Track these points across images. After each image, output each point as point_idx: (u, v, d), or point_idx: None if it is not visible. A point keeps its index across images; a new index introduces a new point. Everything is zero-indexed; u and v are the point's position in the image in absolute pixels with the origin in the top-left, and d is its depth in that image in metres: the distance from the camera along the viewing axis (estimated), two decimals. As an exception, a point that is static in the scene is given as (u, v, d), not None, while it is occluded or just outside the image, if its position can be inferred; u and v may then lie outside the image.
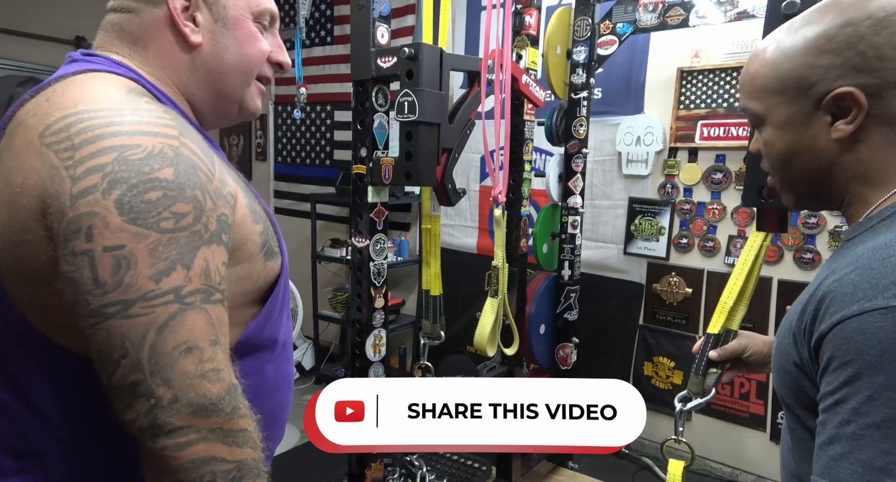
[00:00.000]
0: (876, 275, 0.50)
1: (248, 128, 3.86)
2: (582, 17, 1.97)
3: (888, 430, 0.46)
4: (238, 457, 0.55)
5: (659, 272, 2.33)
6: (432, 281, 1.26)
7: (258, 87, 0.73)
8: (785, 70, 0.60)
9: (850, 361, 0.49)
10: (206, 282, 0.55)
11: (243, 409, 0.56)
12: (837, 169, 0.60)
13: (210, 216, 0.56)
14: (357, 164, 1.22)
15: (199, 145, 0.59)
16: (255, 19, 0.70)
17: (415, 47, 1.09)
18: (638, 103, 2.33)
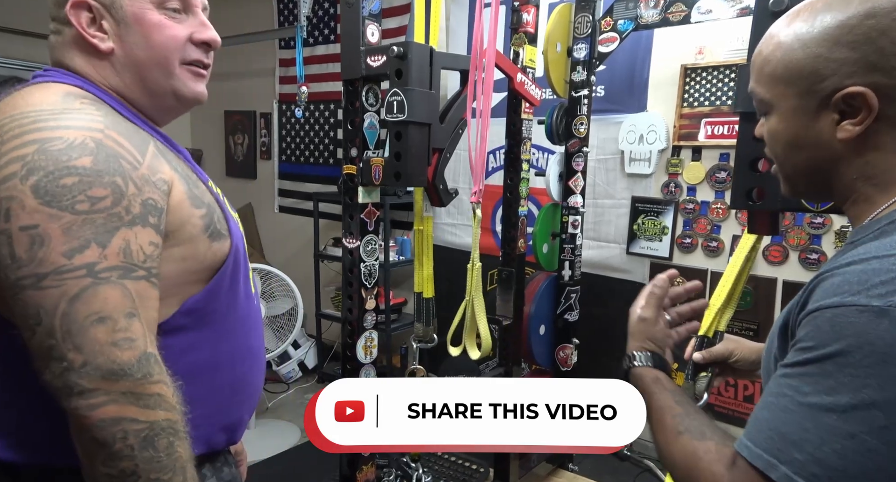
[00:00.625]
0: (868, 273, 0.49)
1: (253, 127, 3.87)
2: (583, 14, 1.94)
3: (817, 414, 0.48)
4: (150, 418, 0.60)
5: (661, 272, 2.29)
6: (424, 283, 1.24)
7: (190, 72, 0.74)
8: (797, 59, 0.57)
9: (812, 347, 0.50)
10: (126, 260, 0.61)
11: (157, 376, 0.61)
12: (842, 167, 0.58)
13: (133, 200, 0.62)
14: (347, 165, 1.21)
15: (130, 138, 0.65)
16: (158, 6, 0.71)
17: (404, 46, 1.08)
18: (641, 101, 2.30)
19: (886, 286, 0.48)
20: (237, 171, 4.02)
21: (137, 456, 0.59)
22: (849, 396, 0.47)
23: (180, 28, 0.72)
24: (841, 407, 0.47)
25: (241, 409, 0.80)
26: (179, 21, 0.72)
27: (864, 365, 0.46)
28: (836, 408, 0.47)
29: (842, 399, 0.47)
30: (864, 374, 0.46)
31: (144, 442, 0.59)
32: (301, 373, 3.16)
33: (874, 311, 0.47)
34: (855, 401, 0.46)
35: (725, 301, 0.90)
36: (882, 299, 0.47)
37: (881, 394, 0.46)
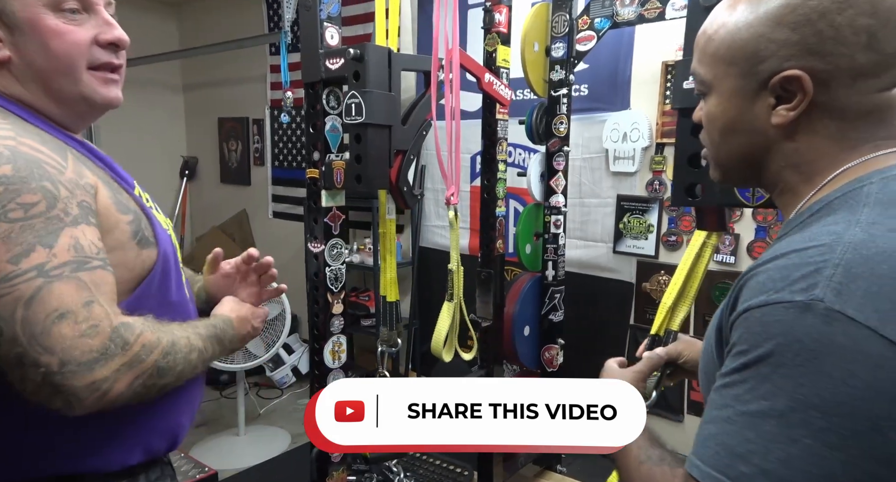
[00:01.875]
0: (790, 267, 0.48)
1: (246, 133, 3.88)
2: (560, 13, 1.93)
3: (758, 421, 0.46)
4: (149, 364, 0.66)
5: (648, 271, 2.28)
6: (388, 286, 1.24)
7: (100, 77, 0.71)
8: (740, 39, 0.56)
9: (745, 350, 0.48)
10: (78, 255, 0.62)
11: (133, 336, 0.64)
12: (773, 155, 0.57)
13: (68, 202, 0.62)
14: (310, 168, 1.21)
15: (46, 143, 0.64)
16: (54, 9, 0.67)
17: (360, 48, 1.07)
18: (624, 99, 2.28)
19: (807, 279, 0.46)
20: (232, 177, 4.03)
21: (161, 382, 0.67)
22: (785, 399, 0.45)
23: (81, 31, 0.68)
24: (779, 411, 0.45)
25: (179, 416, 0.79)
26: (80, 23, 0.68)
27: (796, 364, 0.45)
28: (774, 414, 0.45)
29: (779, 403, 0.45)
30: (797, 374, 0.45)
31: (160, 374, 0.67)
32: (295, 378, 3.16)
33: (798, 307, 0.45)
34: (792, 403, 0.44)
35: (676, 299, 0.88)
36: (805, 294, 0.46)
37: (817, 393, 0.44)
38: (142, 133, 3.93)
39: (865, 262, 0.45)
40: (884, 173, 0.52)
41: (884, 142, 0.54)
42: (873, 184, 0.51)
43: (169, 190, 4.18)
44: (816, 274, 0.46)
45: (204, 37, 3.72)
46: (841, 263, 0.46)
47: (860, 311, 0.43)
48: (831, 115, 0.53)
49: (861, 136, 0.54)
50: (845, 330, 0.43)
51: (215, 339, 0.79)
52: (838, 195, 0.53)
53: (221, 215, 4.05)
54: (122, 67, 0.75)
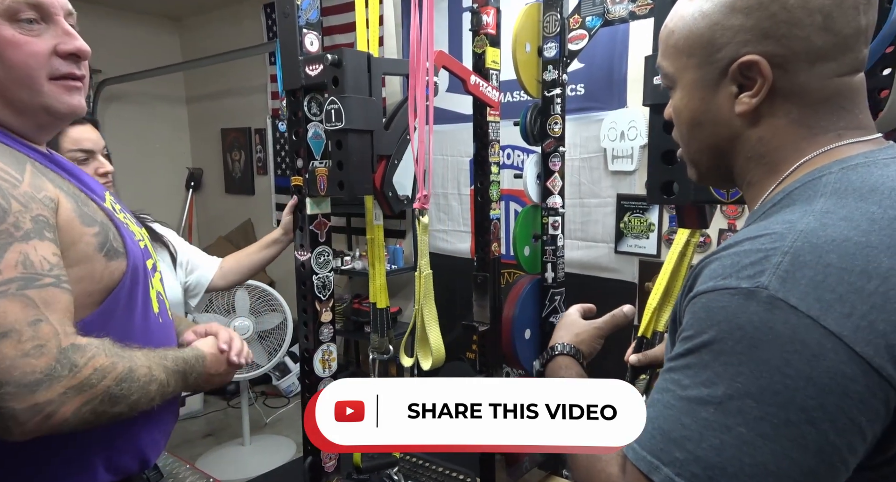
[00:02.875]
0: (741, 254, 0.47)
1: (249, 143, 3.91)
2: (551, 13, 1.92)
3: (696, 408, 0.46)
4: (101, 390, 0.63)
5: (651, 270, 2.24)
6: (378, 293, 1.23)
7: (61, 87, 0.70)
8: (696, 29, 0.55)
9: (690, 336, 0.48)
10: (27, 271, 0.60)
11: (84, 359, 0.62)
12: (739, 146, 0.56)
13: (20, 217, 0.61)
14: (294, 176, 1.20)
15: (2, 156, 0.63)
16: (9, 19, 0.65)
17: (338, 53, 1.07)
18: (621, 97, 2.26)
19: (755, 266, 0.45)
20: (236, 187, 4.06)
21: (113, 410, 0.64)
22: (724, 387, 0.44)
23: (39, 42, 0.67)
24: (717, 398, 0.44)
25: (152, 432, 0.78)
26: (38, 33, 0.67)
27: (737, 352, 0.44)
28: (712, 401, 0.45)
29: (717, 390, 0.45)
30: (737, 362, 0.44)
31: (111, 401, 0.64)
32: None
33: (743, 294, 0.45)
34: (730, 391, 0.44)
35: (662, 299, 0.86)
36: (751, 280, 0.45)
37: (754, 382, 0.43)
38: (148, 146, 3.98)
39: (813, 250, 0.44)
40: (844, 163, 0.51)
41: (846, 131, 0.53)
42: (832, 174, 0.50)
43: (175, 201, 4.22)
44: (765, 261, 0.45)
45: (206, 49, 3.76)
46: (790, 251, 0.45)
47: (802, 300, 0.43)
48: (792, 100, 0.53)
49: (823, 124, 0.53)
50: (786, 318, 0.43)
51: (180, 375, 0.76)
52: (798, 186, 0.52)
53: (227, 225, 4.08)
54: (85, 77, 0.73)
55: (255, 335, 2.44)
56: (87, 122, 1.19)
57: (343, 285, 3.34)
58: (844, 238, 0.44)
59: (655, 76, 0.81)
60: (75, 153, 1.14)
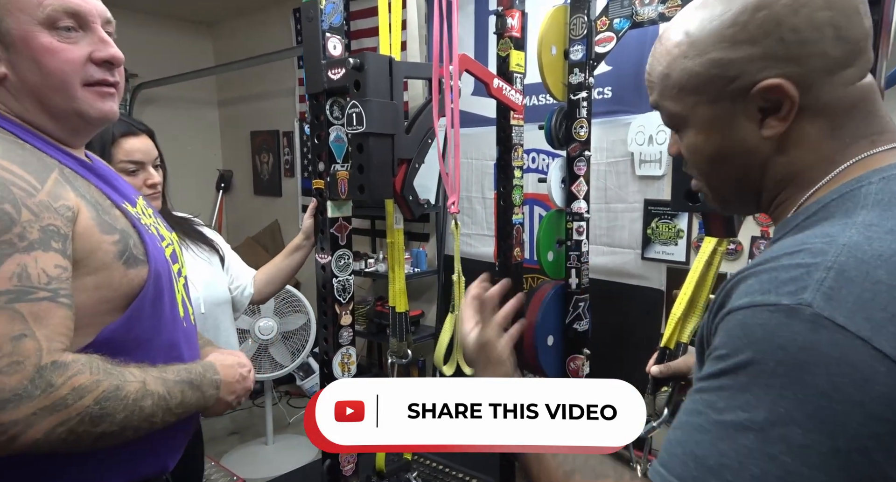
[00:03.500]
0: (779, 269, 0.44)
1: (277, 145, 3.97)
2: (578, 15, 1.89)
3: (734, 433, 0.42)
4: (77, 411, 0.60)
5: (679, 277, 2.18)
6: (398, 297, 1.22)
7: (95, 93, 0.71)
8: (698, 66, 0.53)
9: (724, 355, 0.45)
10: (21, 284, 0.59)
11: (62, 379, 0.60)
12: (769, 171, 0.54)
13: (28, 226, 0.60)
14: (316, 179, 1.21)
15: (26, 165, 0.63)
16: (49, 27, 0.67)
17: (360, 57, 1.07)
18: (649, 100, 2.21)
19: (797, 282, 0.43)
20: (264, 189, 4.13)
21: (96, 430, 0.62)
22: (765, 411, 0.41)
23: (75, 49, 0.69)
24: (758, 424, 0.41)
25: (175, 435, 0.78)
26: (74, 41, 0.69)
27: (779, 374, 0.41)
28: (752, 426, 0.41)
29: (758, 415, 0.41)
30: (780, 385, 0.41)
31: (92, 421, 0.61)
32: (324, 386, 3.19)
33: (784, 311, 0.42)
34: (772, 416, 0.41)
35: (686, 309, 0.83)
36: (792, 297, 0.42)
37: (799, 407, 0.40)
38: (181, 148, 4.07)
39: (860, 266, 0.41)
40: (883, 172, 0.48)
41: (879, 137, 0.50)
42: (872, 184, 0.47)
43: (206, 202, 4.31)
44: (807, 277, 0.42)
45: (237, 53, 3.83)
46: (834, 266, 0.42)
47: (850, 319, 0.40)
48: (821, 114, 0.51)
49: (855, 133, 0.51)
50: (833, 338, 0.40)
51: (187, 384, 0.73)
52: (835, 197, 0.49)
53: (255, 226, 4.14)
54: (118, 84, 0.75)
55: (280, 335, 2.47)
56: (143, 133, 1.20)
57: (366, 287, 3.36)
58: (893, 252, 0.42)
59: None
60: (126, 164, 1.15)
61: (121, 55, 0.73)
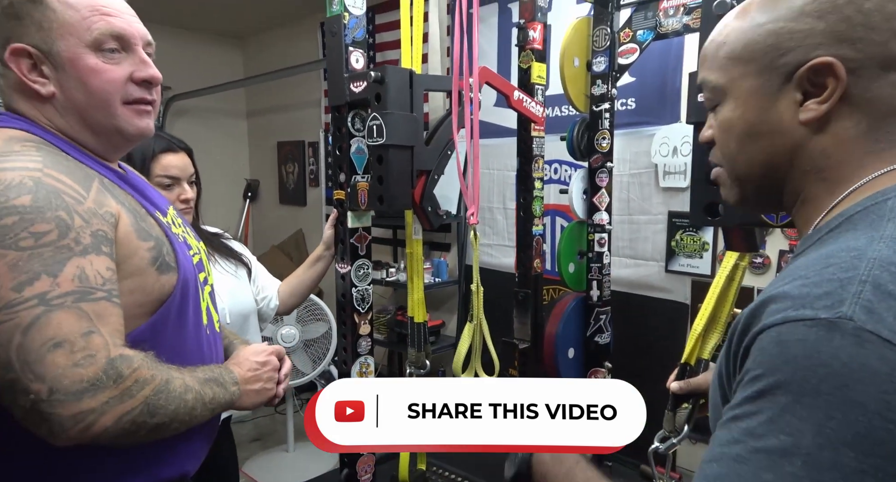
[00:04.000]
0: (810, 285, 0.42)
1: (302, 156, 4.04)
2: (601, 27, 1.89)
3: (777, 460, 0.38)
4: (141, 400, 0.65)
5: (704, 291, 2.13)
6: (416, 307, 1.23)
7: (134, 111, 0.75)
8: (756, 35, 0.52)
9: (760, 375, 0.41)
10: (82, 285, 0.63)
11: (128, 371, 0.64)
12: (798, 159, 0.52)
13: (81, 232, 0.64)
14: (337, 190, 1.23)
15: (71, 174, 0.67)
16: (95, 49, 0.71)
17: (381, 70, 1.09)
18: (674, 111, 2.19)
19: (831, 296, 0.40)
20: (289, 198, 4.20)
21: (152, 421, 0.66)
22: (811, 435, 0.38)
23: (118, 70, 0.73)
24: (805, 449, 0.38)
25: (193, 440, 0.80)
26: (118, 62, 0.73)
27: (823, 392, 0.38)
28: (797, 452, 0.38)
29: (804, 439, 0.38)
30: (825, 405, 0.37)
31: (150, 412, 0.65)
32: (344, 395, 3.20)
33: (823, 325, 0.39)
34: (820, 439, 0.37)
35: (707, 325, 0.82)
36: (830, 310, 0.39)
37: (849, 428, 0.37)
38: (210, 158, 4.17)
39: (895, 279, 0.40)
40: None
41: None
42: None
43: (233, 211, 4.40)
44: (841, 290, 0.40)
45: (266, 66, 3.92)
46: (868, 280, 0.40)
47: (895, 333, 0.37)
48: (863, 109, 0.49)
49: (890, 138, 0.49)
50: (881, 354, 0.37)
51: (213, 382, 0.77)
52: (859, 209, 0.47)
53: (280, 235, 4.21)
54: (155, 102, 0.79)
55: (301, 343, 2.49)
56: (181, 150, 1.26)
57: (388, 297, 3.37)
58: None
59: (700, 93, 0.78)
60: (162, 178, 1.20)
61: (159, 75, 0.78)
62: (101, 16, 0.71)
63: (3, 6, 0.70)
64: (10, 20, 0.70)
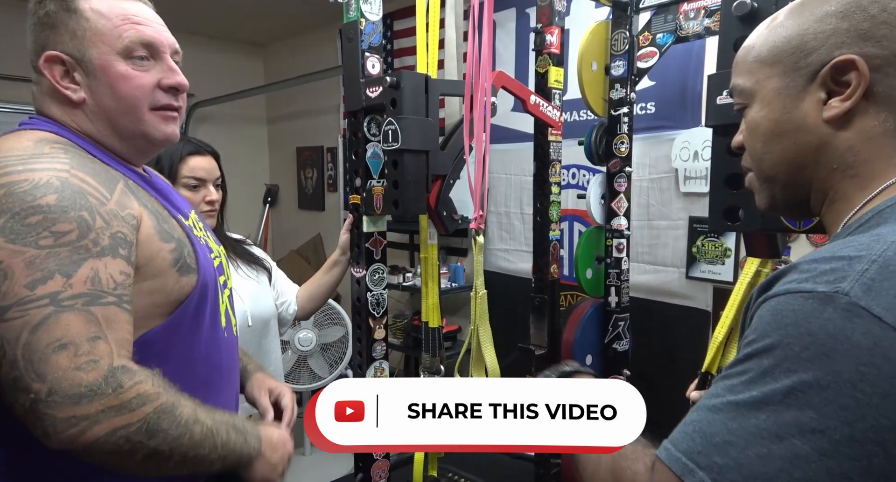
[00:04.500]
0: (820, 261, 0.44)
1: (321, 160, 4.07)
2: (619, 30, 1.88)
3: (745, 413, 0.42)
4: (139, 416, 0.63)
5: (726, 298, 2.09)
6: (430, 312, 1.22)
7: (160, 117, 0.77)
8: (782, 38, 0.54)
9: (752, 341, 0.45)
10: (94, 287, 0.63)
11: (129, 382, 0.63)
12: (824, 156, 0.53)
13: (101, 233, 0.65)
14: (353, 194, 1.23)
15: (97, 176, 0.68)
16: (125, 56, 0.73)
17: (397, 75, 1.09)
18: (695, 115, 2.16)
19: (836, 272, 0.42)
20: (307, 203, 4.23)
21: (149, 444, 0.63)
22: (782, 394, 0.41)
23: (146, 76, 0.75)
24: (772, 405, 0.41)
25: None
26: (147, 69, 0.75)
27: (803, 358, 0.41)
28: (765, 407, 0.41)
29: (774, 396, 0.41)
30: (802, 369, 0.40)
31: (148, 432, 0.63)
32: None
33: (819, 298, 0.41)
34: (789, 399, 0.41)
35: (729, 333, 0.79)
36: (829, 285, 0.41)
37: (818, 393, 0.39)
38: (231, 164, 4.22)
39: None
40: None
41: None
42: None
43: (253, 216, 4.45)
44: (848, 267, 0.42)
45: (286, 72, 3.98)
46: (878, 260, 0.41)
47: (889, 311, 0.39)
48: (888, 107, 0.49)
49: None
50: (867, 328, 0.39)
51: (232, 426, 0.73)
52: (890, 204, 0.48)
53: (298, 240, 4.25)
54: (181, 108, 0.81)
55: (318, 347, 2.50)
56: (208, 153, 1.31)
57: (404, 301, 3.38)
58: None
59: (719, 95, 0.77)
60: (188, 180, 1.25)
61: (186, 82, 0.79)
62: (132, 24, 0.74)
63: (40, 16, 0.73)
64: (46, 29, 0.72)
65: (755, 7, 0.68)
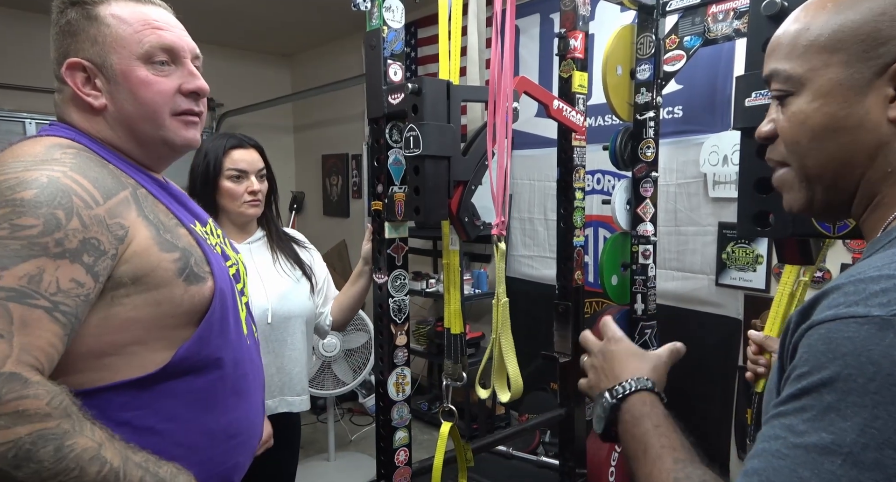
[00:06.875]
0: (867, 281, 0.41)
1: (346, 168, 4.11)
2: (645, 34, 1.85)
3: (817, 458, 0.38)
4: (7, 437, 0.54)
5: (758, 306, 2.04)
6: (452, 318, 1.21)
7: (181, 122, 0.76)
8: (849, 20, 0.48)
9: (805, 373, 0.41)
10: (28, 286, 0.59)
11: (15, 394, 0.55)
12: (880, 158, 0.49)
13: (71, 235, 0.62)
14: (375, 201, 1.23)
15: (97, 181, 0.67)
16: (146, 62, 0.73)
17: (418, 82, 1.09)
18: (724, 119, 2.11)
19: (888, 294, 0.39)
20: (332, 210, 4.28)
21: (15, 474, 0.54)
22: (855, 434, 0.37)
23: (167, 82, 0.74)
24: (846, 448, 0.37)
25: (237, 454, 0.79)
26: (167, 74, 0.74)
27: (870, 391, 0.37)
28: (839, 450, 0.37)
29: (846, 437, 0.37)
30: (872, 403, 0.37)
31: (15, 461, 0.54)
32: (384, 406, 3.21)
33: (876, 323, 0.38)
34: (863, 438, 0.37)
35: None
36: (884, 308, 0.38)
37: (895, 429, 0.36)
38: (257, 171, 4.31)
39: None
40: None
41: None
42: None
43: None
44: None
45: (312, 81, 4.04)
46: None
47: None
48: None
49: None
50: None
51: (151, 475, 0.64)
52: None
53: (323, 246, 4.29)
54: (202, 113, 0.80)
55: (342, 353, 2.52)
56: (251, 146, 1.38)
57: (428, 307, 3.37)
58: None
59: (748, 97, 0.74)
60: (231, 172, 1.31)
61: (206, 87, 0.79)
62: (153, 29, 0.73)
63: (62, 26, 0.73)
64: (68, 38, 0.73)
65: (785, 6, 0.65)
